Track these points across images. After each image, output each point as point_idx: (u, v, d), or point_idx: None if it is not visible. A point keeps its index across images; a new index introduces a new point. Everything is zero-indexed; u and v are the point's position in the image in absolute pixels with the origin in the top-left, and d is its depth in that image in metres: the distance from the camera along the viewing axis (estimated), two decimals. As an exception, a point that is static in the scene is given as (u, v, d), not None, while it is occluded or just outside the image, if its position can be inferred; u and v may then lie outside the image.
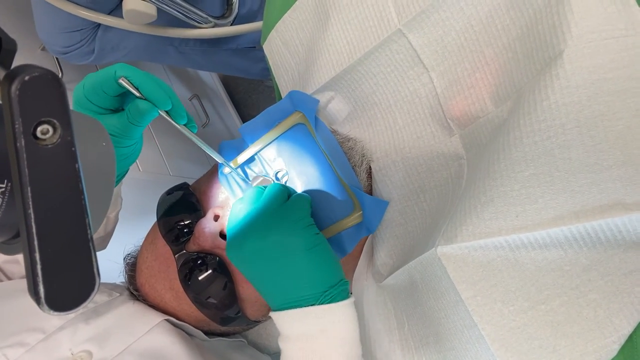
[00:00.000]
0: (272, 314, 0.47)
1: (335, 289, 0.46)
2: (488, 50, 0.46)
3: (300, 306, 0.45)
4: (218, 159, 0.55)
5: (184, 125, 0.51)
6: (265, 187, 0.53)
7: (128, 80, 0.46)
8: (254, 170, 0.59)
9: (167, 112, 0.49)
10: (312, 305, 0.45)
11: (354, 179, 0.54)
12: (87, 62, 1.09)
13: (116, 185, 0.59)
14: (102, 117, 0.48)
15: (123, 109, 0.50)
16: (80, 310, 0.52)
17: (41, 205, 0.22)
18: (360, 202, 0.54)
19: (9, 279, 0.62)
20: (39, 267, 0.22)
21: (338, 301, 0.45)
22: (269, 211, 0.48)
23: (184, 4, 0.92)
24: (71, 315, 0.51)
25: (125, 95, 0.49)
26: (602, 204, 0.37)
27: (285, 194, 0.50)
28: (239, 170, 0.58)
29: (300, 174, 0.56)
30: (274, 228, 0.46)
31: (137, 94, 0.46)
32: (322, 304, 0.45)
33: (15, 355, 0.46)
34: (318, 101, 0.55)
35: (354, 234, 0.55)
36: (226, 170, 0.58)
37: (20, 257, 0.61)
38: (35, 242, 0.22)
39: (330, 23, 0.53)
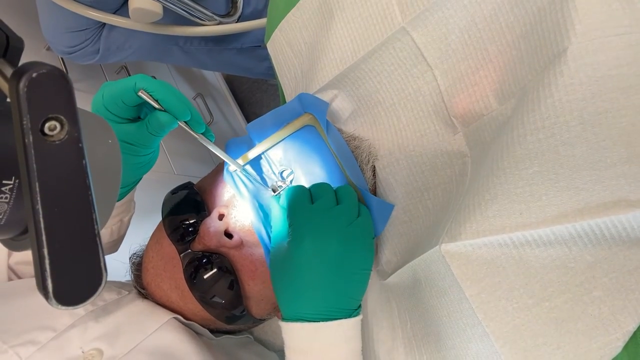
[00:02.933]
0: (282, 324, 0.47)
1: (360, 307, 0.48)
2: (492, 48, 0.46)
3: (334, 318, 0.45)
4: (236, 166, 0.55)
5: (202, 134, 0.52)
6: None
7: (147, 93, 0.46)
8: (262, 169, 0.59)
9: (185, 122, 0.50)
10: (345, 318, 0.45)
11: (361, 180, 0.55)
12: (92, 62, 1.09)
13: (130, 191, 0.60)
14: (121, 126, 0.49)
15: (140, 117, 0.51)
16: (89, 306, 0.53)
17: (49, 201, 0.22)
18: (367, 203, 0.54)
19: (20, 279, 0.62)
20: (47, 262, 0.22)
21: (358, 316, 0.47)
22: (353, 216, 0.48)
23: (189, 2, 0.93)
24: (81, 312, 0.51)
25: (143, 104, 0.49)
26: (606, 201, 0.37)
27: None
28: (252, 171, 0.58)
29: (307, 174, 0.56)
30: (358, 240, 0.47)
31: (157, 106, 0.47)
32: (352, 317, 0.46)
33: (27, 354, 0.47)
34: (328, 104, 0.56)
35: None
36: (232, 168, 0.58)
37: (30, 257, 0.61)
38: (44, 238, 0.22)
39: (334, 21, 0.53)
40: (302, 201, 0.49)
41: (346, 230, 0.46)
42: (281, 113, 0.58)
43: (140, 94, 0.46)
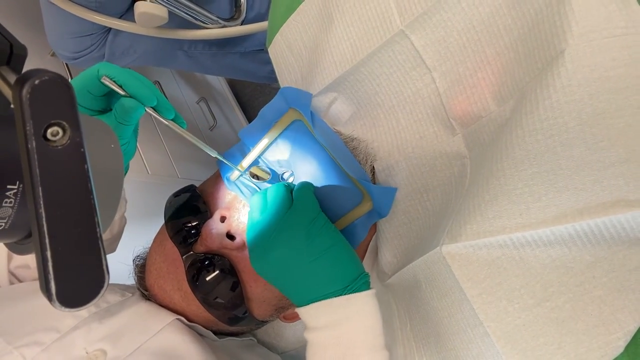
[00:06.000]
0: (298, 310, 0.49)
1: (356, 283, 0.47)
2: (490, 50, 0.46)
3: (323, 298, 0.46)
4: (210, 152, 0.53)
5: (172, 120, 0.50)
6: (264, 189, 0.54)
7: (111, 79, 0.45)
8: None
9: (153, 108, 0.48)
10: (337, 296, 0.46)
11: (359, 169, 0.55)
12: (97, 67, 1.10)
13: None
14: None
15: (111, 110, 0.50)
16: (92, 308, 0.53)
17: (52, 205, 0.22)
18: (369, 191, 0.54)
19: (21, 282, 0.63)
20: (50, 264, 0.23)
21: (361, 291, 0.47)
22: (279, 218, 0.48)
23: (194, 6, 0.94)
24: (84, 314, 0.52)
25: (111, 95, 0.48)
26: (605, 201, 0.38)
27: (288, 193, 0.51)
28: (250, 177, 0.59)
29: (305, 171, 0.57)
30: (291, 235, 0.47)
31: (122, 92, 0.46)
32: (347, 294, 0.46)
33: (32, 354, 0.47)
34: (311, 95, 0.56)
35: (365, 220, 0.55)
36: (233, 176, 0.58)
37: (30, 262, 0.62)
38: (47, 241, 0.23)
39: (333, 25, 0.53)
40: (248, 227, 0.52)
41: (276, 234, 0.48)
42: (267, 113, 0.58)
43: (103, 80, 0.45)
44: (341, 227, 0.55)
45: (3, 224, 0.26)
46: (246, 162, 0.58)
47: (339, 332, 0.46)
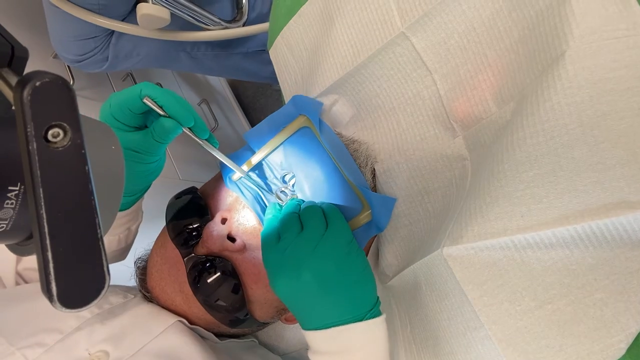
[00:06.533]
0: (307, 332, 0.48)
1: (377, 307, 0.47)
2: (490, 52, 0.46)
3: (344, 323, 0.46)
4: (238, 171, 0.56)
5: (206, 140, 0.53)
6: (298, 204, 0.53)
7: (152, 100, 0.48)
8: (265, 174, 0.60)
9: (189, 128, 0.51)
10: (357, 321, 0.46)
11: (360, 178, 0.55)
12: (101, 70, 1.10)
13: (138, 199, 0.61)
14: (127, 134, 0.50)
15: (147, 127, 0.52)
16: (95, 309, 0.53)
17: (53, 206, 0.23)
18: (368, 200, 0.54)
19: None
20: (51, 265, 0.23)
21: (377, 317, 0.47)
22: (317, 239, 0.47)
23: (196, 8, 0.94)
24: (87, 315, 0.52)
25: (149, 113, 0.51)
26: (607, 202, 0.37)
27: (322, 213, 0.51)
28: (254, 176, 0.59)
29: (308, 176, 0.57)
30: (329, 258, 0.46)
31: (162, 113, 0.49)
32: (369, 319, 0.46)
33: (34, 355, 0.47)
34: (322, 104, 0.56)
35: (364, 232, 0.55)
36: (235, 177, 0.59)
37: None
38: (48, 242, 0.23)
39: (334, 27, 0.53)
40: (269, 243, 0.50)
41: (312, 256, 0.47)
42: (277, 118, 0.59)
43: (145, 100, 0.47)
44: None
45: (4, 225, 0.26)
46: (253, 160, 0.58)
47: (356, 358, 0.46)
